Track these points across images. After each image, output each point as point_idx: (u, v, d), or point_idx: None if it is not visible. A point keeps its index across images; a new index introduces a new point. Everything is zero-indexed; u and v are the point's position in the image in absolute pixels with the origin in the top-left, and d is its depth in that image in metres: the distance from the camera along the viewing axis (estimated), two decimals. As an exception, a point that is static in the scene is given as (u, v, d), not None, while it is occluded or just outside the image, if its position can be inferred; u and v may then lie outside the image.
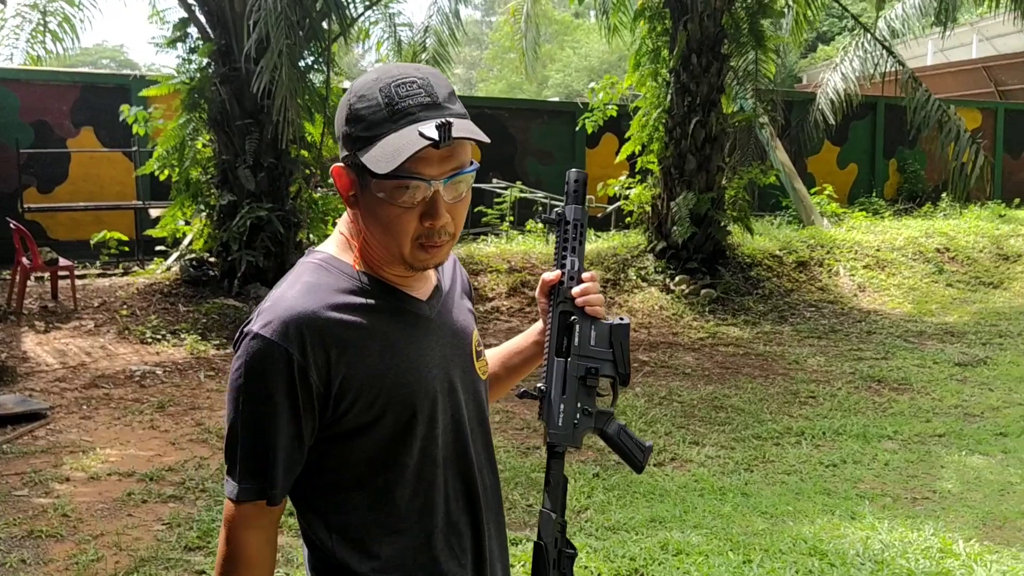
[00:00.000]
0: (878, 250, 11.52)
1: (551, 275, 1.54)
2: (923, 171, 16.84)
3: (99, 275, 9.61)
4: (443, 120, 1.27)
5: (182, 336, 7.63)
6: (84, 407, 5.97)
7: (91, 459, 4.99)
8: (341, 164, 1.37)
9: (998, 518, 4.34)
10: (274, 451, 1.31)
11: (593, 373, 1.49)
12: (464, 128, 1.29)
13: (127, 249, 10.21)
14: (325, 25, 8.41)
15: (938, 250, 11.87)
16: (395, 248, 1.34)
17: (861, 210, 14.58)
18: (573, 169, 1.61)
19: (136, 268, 10.04)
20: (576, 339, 1.50)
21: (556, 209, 1.58)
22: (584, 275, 1.53)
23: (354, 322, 1.34)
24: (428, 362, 1.41)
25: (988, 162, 10.13)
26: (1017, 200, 15.90)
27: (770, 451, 5.38)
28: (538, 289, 1.57)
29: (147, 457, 5.10)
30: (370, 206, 1.34)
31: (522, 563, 3.60)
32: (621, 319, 1.52)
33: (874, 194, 16.11)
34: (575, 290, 1.51)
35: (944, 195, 14.83)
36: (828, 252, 11.22)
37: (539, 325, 1.64)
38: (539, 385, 1.50)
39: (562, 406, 1.47)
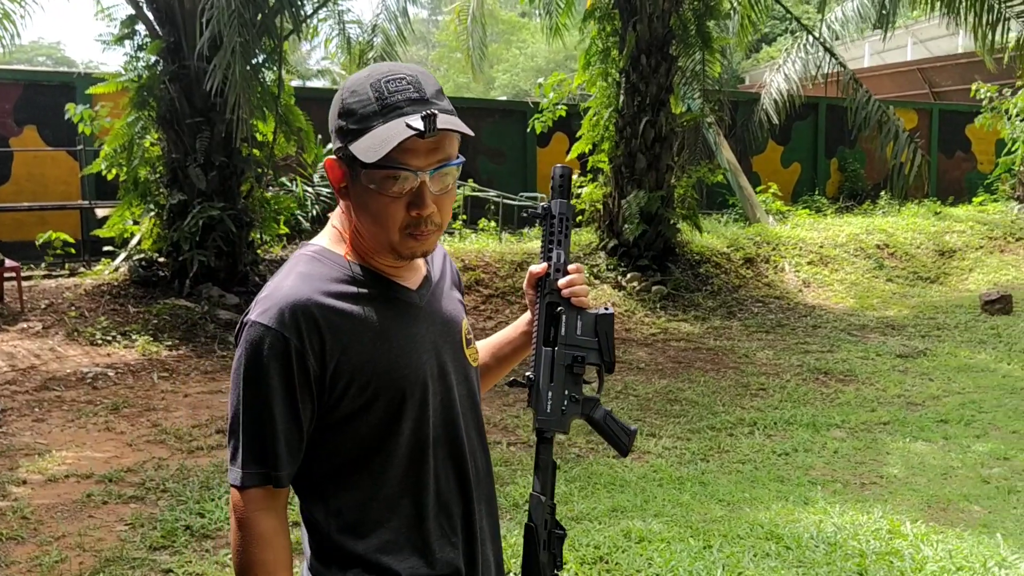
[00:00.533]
0: (821, 247, 11.84)
1: (538, 267, 1.60)
2: (863, 170, 17.32)
3: (45, 276, 9.40)
4: (429, 112, 1.34)
5: (133, 337, 7.52)
6: (36, 410, 5.87)
7: (47, 461, 4.91)
8: (334, 157, 1.43)
9: (942, 500, 4.54)
10: (275, 434, 1.36)
11: (580, 361, 1.55)
12: (449, 121, 1.36)
13: (73, 251, 10.00)
14: (277, 22, 8.35)
15: (878, 246, 12.25)
16: (384, 237, 1.40)
17: (804, 208, 14.96)
18: (558, 165, 1.67)
19: (83, 269, 9.84)
20: (563, 329, 1.56)
21: (542, 204, 1.64)
22: (570, 267, 1.59)
23: (347, 310, 1.40)
24: (419, 348, 1.46)
25: (925, 161, 10.48)
26: (951, 198, 16.46)
27: (724, 441, 5.53)
28: (526, 281, 1.63)
29: (104, 459, 5.04)
30: (360, 197, 1.40)
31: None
32: (606, 308, 1.59)
33: (817, 192, 16.53)
34: (561, 281, 1.57)
35: (883, 193, 15.28)
36: (774, 249, 11.50)
37: (527, 316, 1.70)
38: (528, 374, 1.56)
39: (550, 393, 1.53)
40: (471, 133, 1.41)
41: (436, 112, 1.34)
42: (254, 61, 8.11)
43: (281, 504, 1.41)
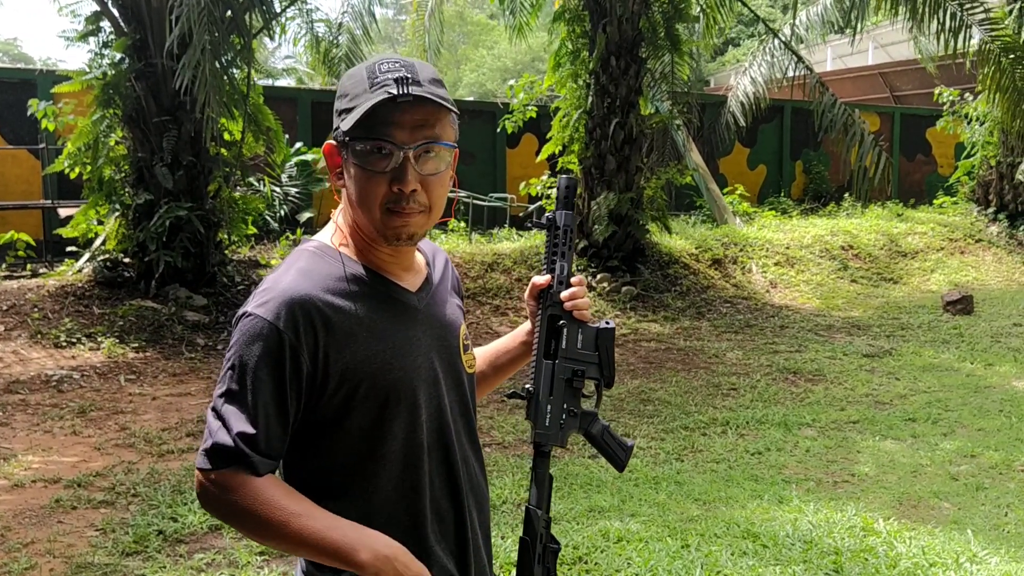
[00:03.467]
0: (788, 248, 11.98)
1: (541, 279, 1.59)
2: (827, 172, 17.57)
3: (6, 277, 9.21)
4: (405, 75, 1.36)
5: (98, 339, 7.39)
6: (0, 414, 5.74)
7: (13, 466, 4.81)
8: (332, 141, 1.45)
9: (912, 498, 4.61)
10: (256, 421, 1.33)
11: (579, 375, 1.55)
12: (431, 92, 1.37)
13: (34, 254, 9.80)
14: (247, 20, 8.26)
15: (843, 248, 12.43)
16: (368, 218, 1.41)
17: (771, 209, 15.13)
18: (564, 176, 1.67)
19: (45, 270, 9.65)
20: (564, 342, 1.55)
21: (547, 214, 1.62)
22: (572, 280, 1.58)
23: (344, 308, 1.39)
24: (414, 351, 1.45)
25: (888, 164, 10.65)
26: (913, 200, 16.75)
27: (698, 441, 5.57)
28: (527, 292, 1.62)
29: (72, 463, 4.94)
30: (350, 177, 1.41)
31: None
32: (607, 323, 1.58)
33: (782, 194, 16.73)
34: (564, 294, 1.56)
35: (847, 195, 15.50)
36: (741, 250, 11.61)
37: (526, 326, 1.70)
38: (527, 386, 1.55)
39: (549, 407, 1.53)
40: (455, 110, 1.41)
41: (420, 84, 1.36)
42: (224, 59, 8.01)
43: (257, 489, 1.34)
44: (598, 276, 10.01)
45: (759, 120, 15.05)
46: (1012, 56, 10.45)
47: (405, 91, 1.34)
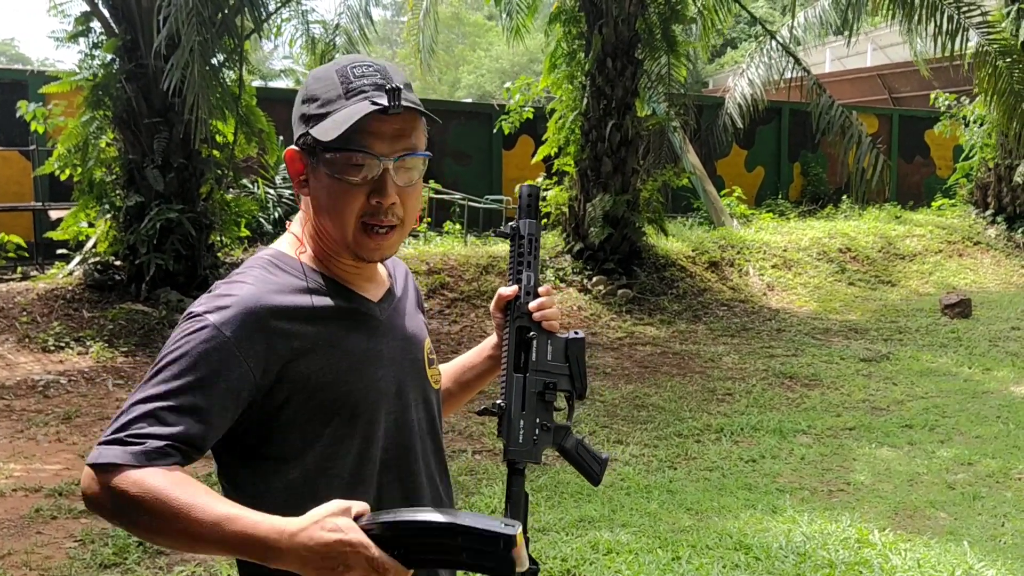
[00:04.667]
0: (785, 250, 11.91)
1: (508, 290, 1.53)
2: (825, 174, 17.50)
3: (-5, 280, 9.13)
4: (393, 85, 1.30)
5: (87, 343, 7.31)
6: (-17, 420, 5.66)
7: (-6, 475, 4.73)
8: (295, 147, 1.37)
9: (909, 507, 4.54)
10: (177, 422, 1.20)
11: (551, 388, 1.49)
12: (416, 102, 1.32)
13: (26, 254, 9.71)
14: (238, 21, 8.18)
15: (840, 250, 12.36)
16: (340, 233, 1.34)
17: (768, 212, 15.06)
18: (526, 184, 1.62)
19: (35, 273, 9.57)
20: (534, 354, 1.49)
21: (510, 223, 1.58)
22: (540, 289, 1.53)
23: (301, 318, 1.32)
24: (374, 363, 1.39)
25: (887, 166, 10.58)
26: (911, 202, 16.68)
27: (692, 448, 5.49)
28: (493, 304, 1.56)
29: (54, 471, 4.86)
30: (319, 186, 1.34)
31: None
32: (576, 333, 1.53)
33: (780, 196, 16.65)
34: (532, 305, 1.51)
35: (845, 197, 15.44)
36: (738, 252, 11.54)
37: (492, 339, 1.64)
38: (498, 402, 1.49)
39: (521, 422, 1.47)
40: (437, 120, 1.37)
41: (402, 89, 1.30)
42: (214, 61, 7.94)
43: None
44: (594, 279, 9.94)
45: (757, 122, 14.98)
46: (1009, 59, 10.39)
47: (397, 102, 1.28)
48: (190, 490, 1.17)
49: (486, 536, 1.14)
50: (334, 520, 1.14)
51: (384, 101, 1.28)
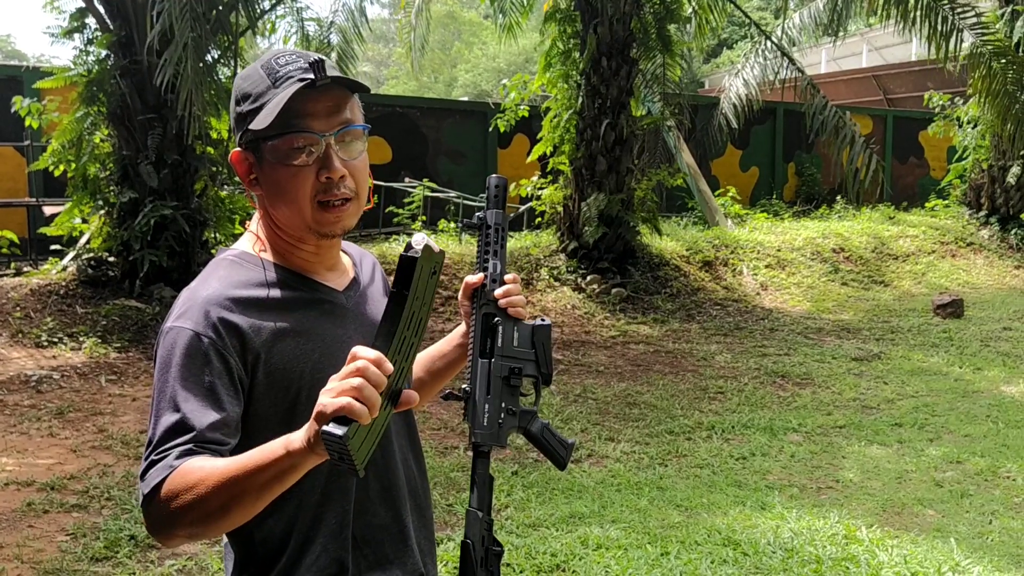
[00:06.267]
0: (779, 250, 11.94)
1: (474, 278, 1.56)
2: (819, 175, 17.54)
3: (-12, 275, 9.12)
4: (316, 58, 1.34)
5: (80, 339, 7.31)
6: (-24, 414, 5.66)
7: (-15, 469, 4.73)
8: (238, 150, 1.41)
9: (896, 505, 4.56)
10: (190, 420, 1.26)
11: (517, 373, 1.51)
12: (340, 73, 1.36)
13: (19, 252, 9.70)
14: (233, 18, 8.19)
15: (834, 250, 12.40)
16: (299, 218, 1.37)
17: (762, 211, 15.08)
18: (493, 175, 1.66)
19: (29, 268, 9.57)
20: (499, 340, 1.52)
21: (477, 214, 1.62)
22: (506, 277, 1.56)
23: (269, 311, 1.36)
24: (345, 350, 1.39)
25: (880, 167, 10.62)
26: (905, 203, 16.73)
27: (683, 445, 5.52)
28: (460, 292, 1.59)
29: (47, 465, 4.87)
30: (269, 179, 1.37)
31: (444, 563, 3.59)
32: (543, 320, 1.56)
33: (774, 196, 16.69)
34: (497, 292, 1.53)
35: (839, 198, 15.48)
36: (732, 252, 11.57)
37: (461, 328, 1.66)
38: (463, 386, 1.51)
39: (487, 406, 1.49)
40: (367, 88, 1.40)
41: (323, 66, 1.33)
42: (208, 58, 7.94)
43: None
44: (588, 278, 9.96)
45: (751, 122, 15.02)
46: (1003, 60, 10.43)
47: (321, 73, 1.32)
48: (208, 465, 1.21)
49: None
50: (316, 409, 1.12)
51: (310, 74, 1.32)
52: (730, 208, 14.17)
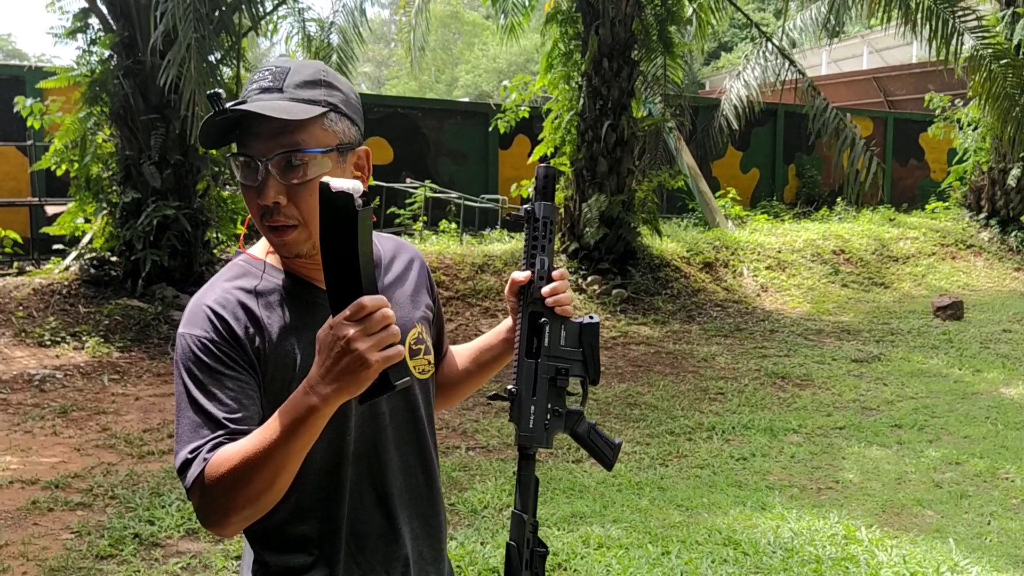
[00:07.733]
0: (779, 252, 11.96)
1: (521, 275, 1.52)
2: (820, 176, 17.57)
3: (-9, 275, 9.15)
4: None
5: (83, 338, 7.34)
6: (-21, 413, 5.69)
7: (-10, 467, 4.76)
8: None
9: (896, 506, 4.59)
10: (216, 416, 1.30)
11: (563, 374, 1.49)
12: (268, 107, 1.30)
13: (21, 251, 9.73)
14: (236, 19, 8.21)
15: (834, 252, 12.42)
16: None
17: (763, 213, 15.11)
18: (542, 165, 1.58)
19: (32, 268, 9.59)
20: (546, 340, 1.49)
21: (525, 206, 1.55)
22: (554, 273, 1.52)
23: (271, 313, 1.38)
24: None
25: (880, 168, 10.64)
26: (905, 205, 16.76)
27: (683, 446, 5.54)
28: (507, 288, 1.56)
29: (51, 464, 4.89)
30: None
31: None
32: (591, 318, 1.53)
33: (774, 198, 16.72)
34: (544, 290, 1.50)
35: (839, 199, 15.51)
36: (732, 253, 11.59)
37: (508, 323, 1.65)
38: (509, 387, 1.49)
39: (533, 408, 1.47)
40: (291, 117, 1.30)
41: (223, 94, 1.32)
42: (211, 58, 7.96)
43: None
44: (588, 278, 9.99)
45: (752, 123, 15.05)
46: (1004, 63, 10.45)
47: (217, 106, 1.30)
48: (239, 447, 1.24)
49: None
50: (318, 359, 1.19)
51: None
52: (730, 209, 14.19)
